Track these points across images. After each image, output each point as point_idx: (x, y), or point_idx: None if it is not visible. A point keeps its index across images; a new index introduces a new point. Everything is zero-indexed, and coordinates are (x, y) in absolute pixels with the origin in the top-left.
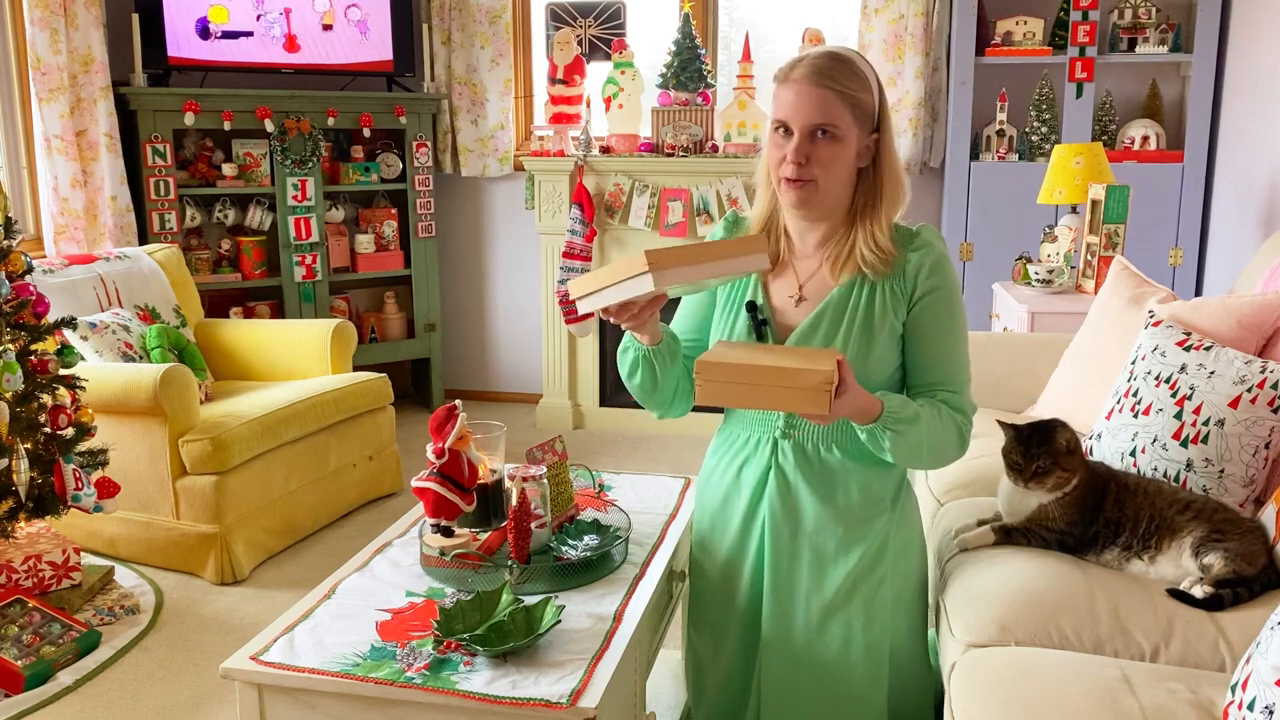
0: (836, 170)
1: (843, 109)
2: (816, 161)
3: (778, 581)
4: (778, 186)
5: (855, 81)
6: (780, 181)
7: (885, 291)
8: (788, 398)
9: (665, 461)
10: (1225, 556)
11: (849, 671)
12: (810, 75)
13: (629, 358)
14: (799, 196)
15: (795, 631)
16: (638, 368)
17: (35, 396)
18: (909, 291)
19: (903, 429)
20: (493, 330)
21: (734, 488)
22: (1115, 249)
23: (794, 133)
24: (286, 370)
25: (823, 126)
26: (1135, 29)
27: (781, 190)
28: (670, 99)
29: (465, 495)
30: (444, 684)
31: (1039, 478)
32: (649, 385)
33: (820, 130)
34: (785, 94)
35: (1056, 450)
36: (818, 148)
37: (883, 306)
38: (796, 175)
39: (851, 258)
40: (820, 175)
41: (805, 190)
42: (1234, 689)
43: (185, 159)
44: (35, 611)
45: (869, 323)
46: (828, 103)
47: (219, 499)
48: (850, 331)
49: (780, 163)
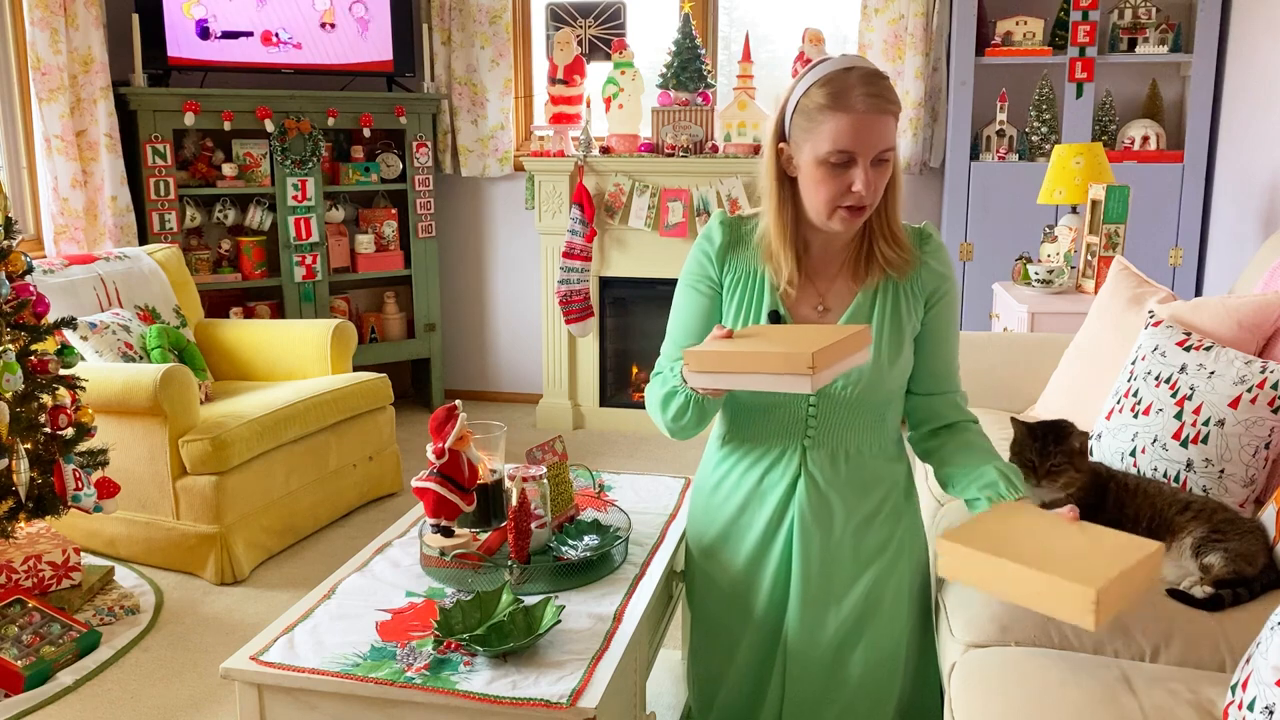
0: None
1: (894, 128)
2: (879, 186)
3: (806, 588)
4: (827, 215)
5: (897, 96)
6: (838, 209)
7: (906, 293)
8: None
9: (665, 461)
10: (1225, 557)
11: (869, 673)
12: (877, 105)
13: (678, 401)
14: (857, 220)
15: (823, 637)
16: (687, 411)
17: (35, 396)
18: (927, 292)
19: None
20: (493, 330)
21: (755, 497)
22: (1115, 249)
23: (859, 163)
24: (286, 370)
25: (885, 151)
26: (1135, 29)
27: (837, 218)
28: (670, 99)
29: (465, 495)
30: (444, 684)
31: (1053, 476)
32: (694, 424)
33: (883, 156)
34: (848, 123)
35: (1071, 450)
36: (879, 172)
37: (906, 308)
38: (864, 203)
39: (873, 261)
40: (878, 198)
41: (865, 214)
42: (1234, 689)
43: (185, 159)
44: (35, 611)
45: (898, 325)
46: (889, 126)
47: (219, 499)
48: (880, 336)
49: (843, 192)
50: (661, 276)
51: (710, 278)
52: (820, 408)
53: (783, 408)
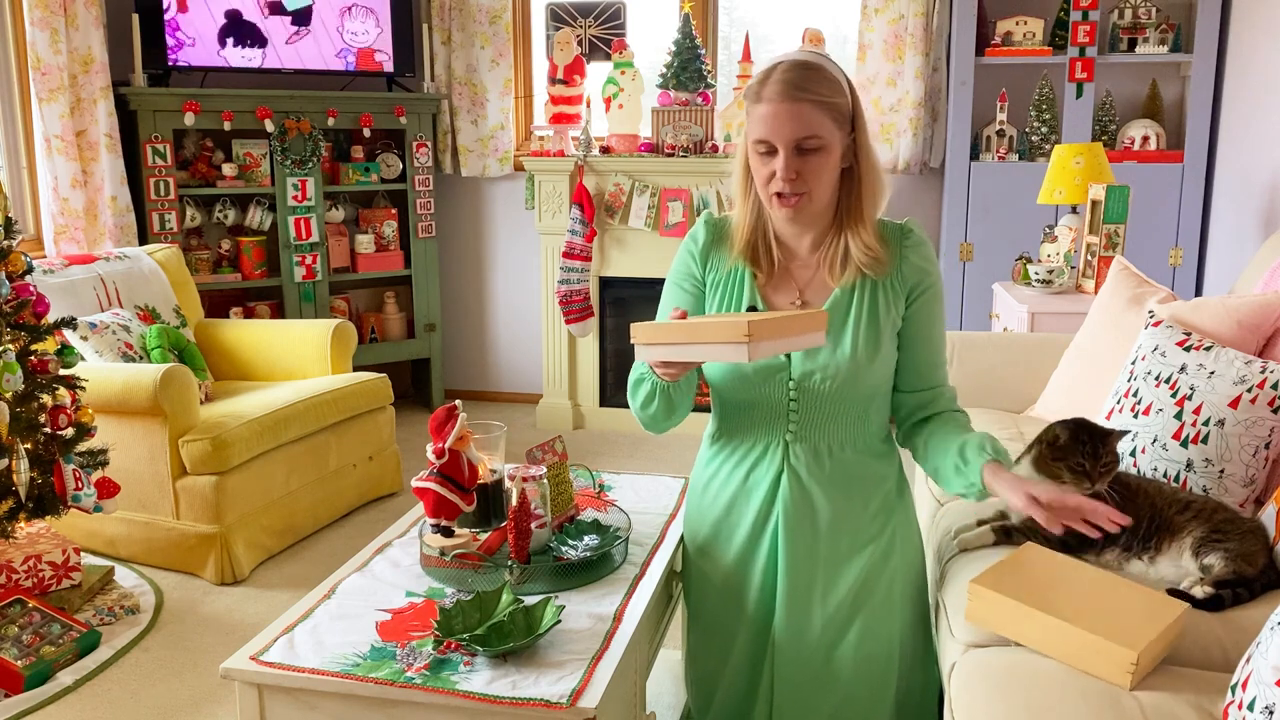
0: (825, 178)
1: (822, 118)
2: (806, 175)
3: (793, 585)
4: (768, 203)
5: (828, 87)
6: (771, 198)
7: (886, 288)
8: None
9: (665, 461)
10: (1225, 557)
11: (861, 671)
12: (785, 91)
13: (644, 390)
14: (793, 211)
15: (810, 633)
16: (653, 400)
17: (35, 396)
18: (908, 287)
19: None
20: (493, 330)
21: (741, 494)
22: (1115, 249)
23: (779, 150)
24: (286, 370)
25: (806, 140)
26: (1135, 29)
27: (774, 206)
28: (670, 99)
29: (465, 495)
30: (444, 684)
31: (1104, 475)
32: (662, 415)
33: (804, 143)
34: (762, 112)
35: (1115, 448)
36: (806, 161)
37: (885, 304)
38: (791, 191)
39: (849, 259)
40: (812, 186)
41: (799, 203)
42: (1234, 689)
43: (185, 159)
44: (35, 611)
45: (875, 321)
46: (807, 115)
47: (219, 499)
48: (858, 332)
49: (769, 180)
50: (661, 276)
51: (694, 275)
52: (800, 404)
53: (764, 404)
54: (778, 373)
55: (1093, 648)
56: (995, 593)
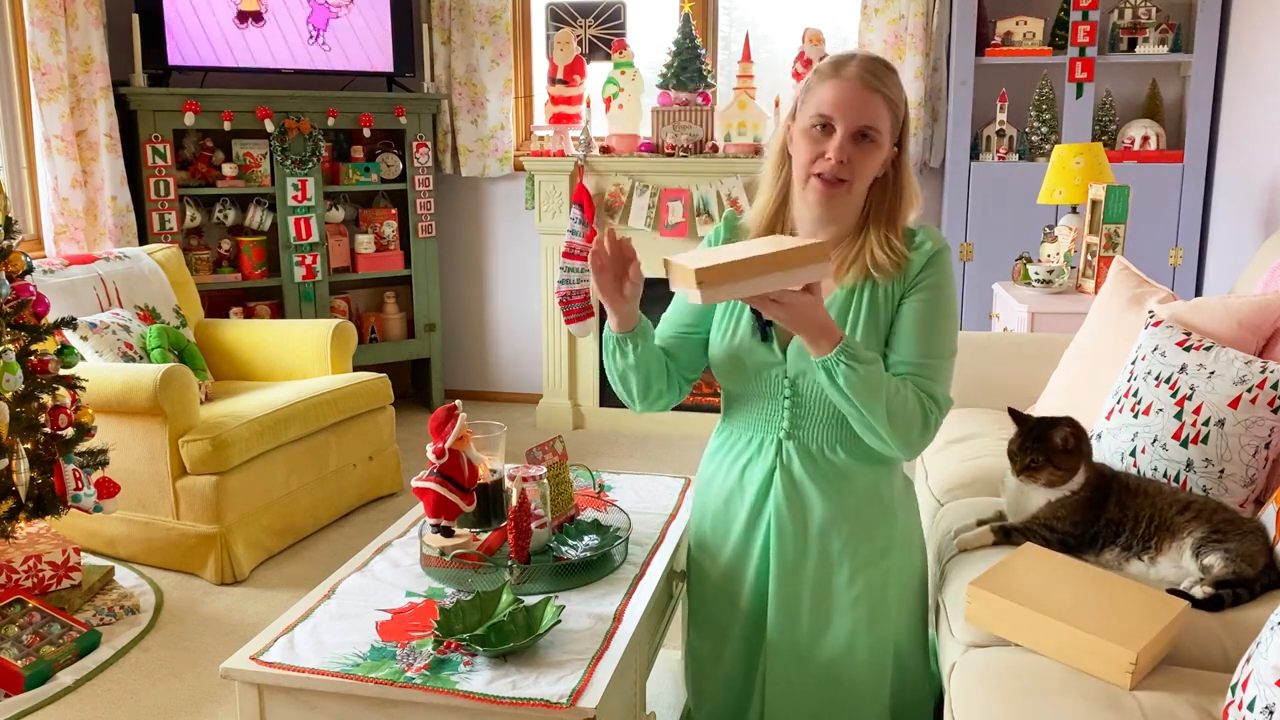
0: (868, 175)
1: (885, 115)
2: (855, 163)
3: (783, 582)
4: (804, 183)
5: (898, 91)
6: (811, 178)
7: (886, 291)
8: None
9: (665, 461)
10: (1225, 557)
11: (853, 671)
12: (864, 76)
13: (608, 348)
14: (830, 195)
15: (800, 632)
16: (614, 355)
17: (35, 396)
18: (906, 286)
19: (858, 366)
20: (493, 330)
21: (736, 489)
22: (1115, 249)
23: (837, 131)
24: (286, 370)
25: (867, 129)
26: (1135, 29)
27: (810, 187)
28: (670, 99)
29: (465, 495)
30: (444, 684)
31: (1030, 472)
32: (622, 369)
33: (864, 133)
34: (833, 90)
35: (1051, 448)
36: (859, 149)
37: (885, 305)
38: (836, 175)
39: (859, 261)
40: (855, 177)
41: (839, 190)
42: (1234, 689)
43: (185, 159)
44: (35, 611)
45: (874, 322)
46: (876, 106)
47: (219, 499)
48: (854, 332)
49: (814, 159)
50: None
51: None
52: (794, 401)
53: (760, 398)
54: (772, 367)
55: (1091, 648)
56: (994, 595)
